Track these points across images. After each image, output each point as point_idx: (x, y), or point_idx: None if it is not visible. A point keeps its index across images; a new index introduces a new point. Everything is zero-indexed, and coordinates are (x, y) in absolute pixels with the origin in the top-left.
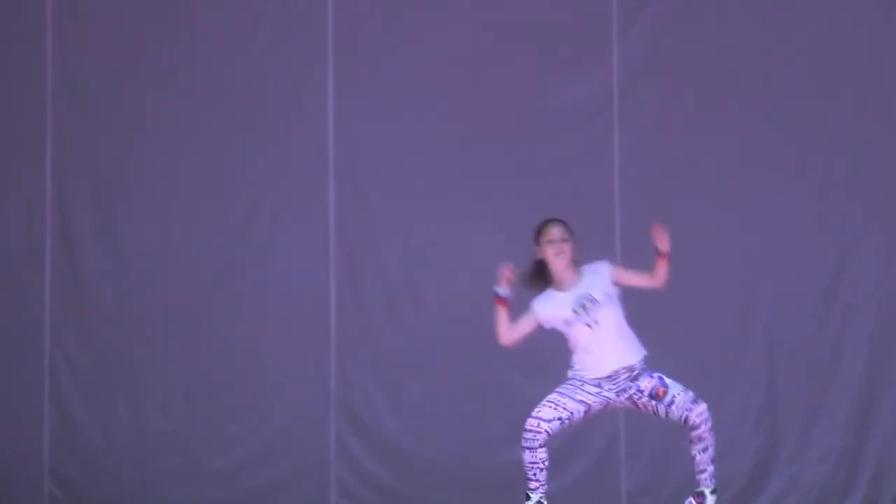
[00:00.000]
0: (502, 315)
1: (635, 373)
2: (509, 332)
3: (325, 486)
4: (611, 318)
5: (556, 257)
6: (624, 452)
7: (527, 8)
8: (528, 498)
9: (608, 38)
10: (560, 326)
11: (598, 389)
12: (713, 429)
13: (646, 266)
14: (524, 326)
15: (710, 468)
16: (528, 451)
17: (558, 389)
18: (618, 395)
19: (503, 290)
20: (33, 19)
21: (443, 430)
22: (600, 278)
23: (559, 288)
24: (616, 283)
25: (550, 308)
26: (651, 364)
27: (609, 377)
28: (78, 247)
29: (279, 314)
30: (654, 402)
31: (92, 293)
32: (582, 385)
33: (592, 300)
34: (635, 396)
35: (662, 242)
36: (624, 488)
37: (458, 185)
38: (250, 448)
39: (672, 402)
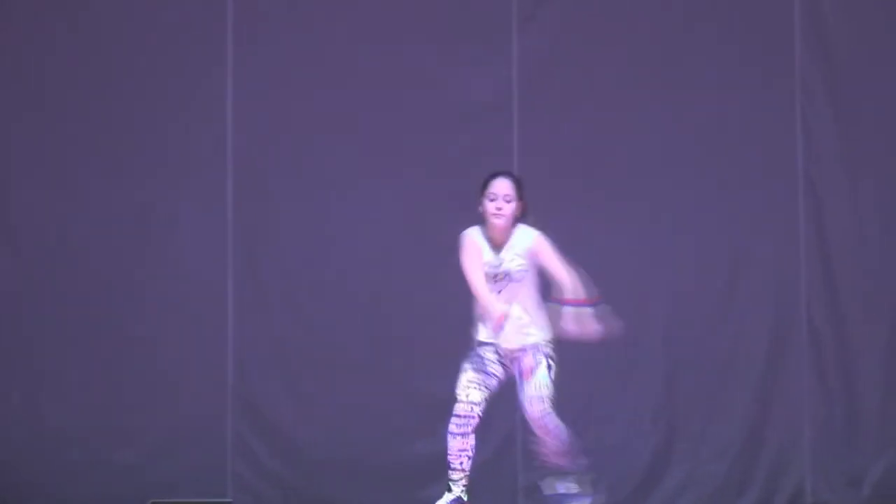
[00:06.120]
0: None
1: (527, 349)
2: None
3: (223, 481)
4: (520, 294)
5: (494, 218)
6: (520, 448)
7: (427, 2)
8: (449, 490)
9: (508, 32)
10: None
11: (499, 359)
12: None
13: None
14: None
15: (561, 461)
16: (459, 438)
17: (472, 367)
18: (511, 364)
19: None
20: None
21: (343, 425)
22: (524, 249)
23: (490, 237)
24: (535, 259)
25: (476, 251)
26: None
27: (505, 350)
28: None
29: (177, 307)
30: (520, 381)
31: None
32: (486, 359)
33: (507, 273)
34: (515, 369)
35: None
36: (520, 484)
37: (359, 180)
38: (148, 443)
39: (522, 390)
